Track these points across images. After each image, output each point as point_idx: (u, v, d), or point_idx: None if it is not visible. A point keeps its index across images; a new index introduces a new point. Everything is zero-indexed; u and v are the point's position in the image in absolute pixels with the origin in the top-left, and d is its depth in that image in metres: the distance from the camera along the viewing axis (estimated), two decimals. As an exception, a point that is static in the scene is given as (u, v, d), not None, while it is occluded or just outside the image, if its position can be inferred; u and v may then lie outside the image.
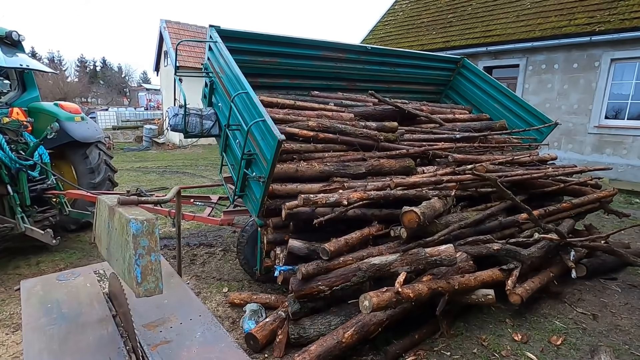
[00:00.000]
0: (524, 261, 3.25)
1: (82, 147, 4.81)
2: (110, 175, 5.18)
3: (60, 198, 4.53)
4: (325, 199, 2.82)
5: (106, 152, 5.16)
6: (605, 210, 4.34)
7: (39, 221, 4.27)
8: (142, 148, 14.80)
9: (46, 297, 1.62)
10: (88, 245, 4.78)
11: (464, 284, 2.79)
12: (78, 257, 4.37)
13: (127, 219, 1.13)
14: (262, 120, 2.82)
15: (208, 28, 3.70)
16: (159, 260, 1.17)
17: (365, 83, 5.26)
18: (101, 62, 64.60)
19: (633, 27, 7.73)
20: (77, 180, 4.96)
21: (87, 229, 5.23)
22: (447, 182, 3.59)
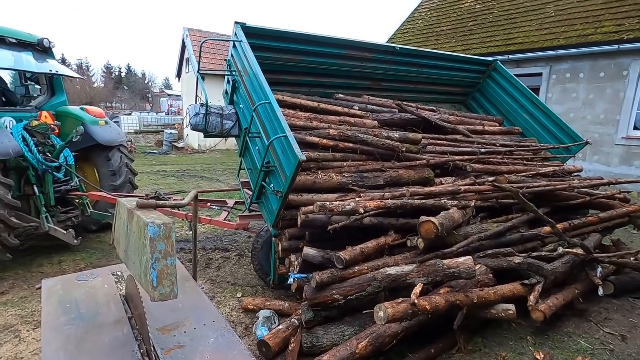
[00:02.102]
0: (547, 276, 3.12)
1: (105, 150, 4.95)
2: (131, 178, 5.30)
3: (83, 199, 4.66)
4: (341, 206, 2.79)
5: (127, 155, 5.29)
6: (634, 226, 4.14)
7: (62, 221, 4.40)
8: (162, 152, 15.15)
9: (65, 296, 1.65)
10: (107, 246, 4.88)
11: (483, 297, 2.69)
12: (97, 257, 4.47)
13: (144, 223, 1.14)
14: (283, 136, 2.83)
15: (234, 25, 3.75)
16: (174, 264, 1.17)
17: (391, 83, 5.25)
18: (126, 68, 66.90)
19: (664, 35, 7.44)
20: (99, 182, 5.10)
21: (107, 229, 5.36)
22: (465, 192, 3.51)
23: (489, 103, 6.17)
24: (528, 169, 4.31)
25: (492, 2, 12.00)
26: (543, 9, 10.22)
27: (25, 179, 4.16)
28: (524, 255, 3.20)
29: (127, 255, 1.33)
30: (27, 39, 4.45)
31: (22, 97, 4.89)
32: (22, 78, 5.04)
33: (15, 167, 4.06)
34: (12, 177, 3.97)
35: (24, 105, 4.72)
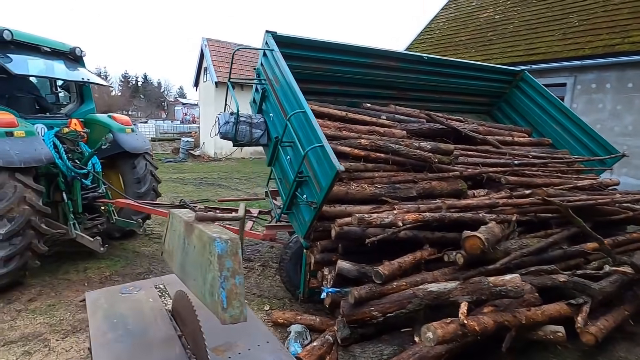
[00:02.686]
0: (595, 296, 2.95)
1: (131, 158, 4.97)
2: (155, 186, 5.30)
3: (109, 206, 4.66)
4: (379, 219, 2.70)
5: (152, 163, 5.30)
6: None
7: (88, 228, 4.40)
8: (179, 159, 15.29)
9: (111, 310, 1.59)
10: (131, 253, 4.86)
11: (531, 318, 2.55)
12: (122, 265, 4.45)
13: (210, 238, 1.07)
14: (320, 146, 2.76)
15: (264, 34, 3.74)
16: (242, 283, 1.09)
17: (416, 92, 5.19)
18: (142, 77, 68.44)
19: (698, 45, 7.20)
20: (124, 189, 5.11)
21: (130, 237, 5.35)
22: (503, 206, 3.38)
23: (516, 113, 6.03)
24: (564, 182, 4.15)
25: (512, 13, 11.89)
26: (566, 19, 10.06)
27: (55, 186, 4.19)
28: (568, 273, 3.04)
29: (184, 271, 1.26)
30: (60, 47, 4.53)
31: (52, 104, 4.96)
32: (53, 86, 5.12)
33: (45, 173, 4.09)
34: (42, 183, 3.99)
35: (55, 113, 4.78)
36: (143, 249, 5.02)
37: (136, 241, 5.27)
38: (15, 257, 3.47)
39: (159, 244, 5.24)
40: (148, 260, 4.64)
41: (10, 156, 3.40)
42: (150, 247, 5.10)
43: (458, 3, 14.43)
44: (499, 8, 12.55)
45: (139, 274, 4.25)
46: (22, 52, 4.07)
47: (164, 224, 6.08)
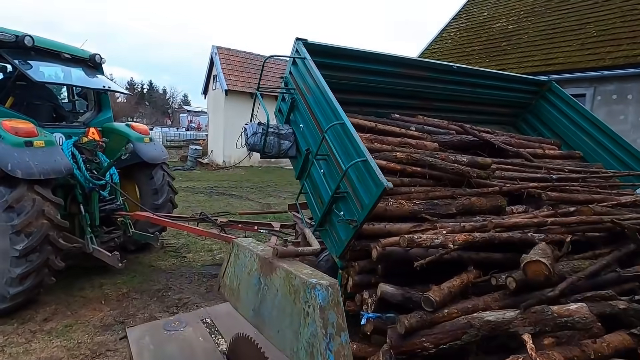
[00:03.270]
0: (657, 325, 2.72)
1: (148, 168, 4.81)
2: (172, 197, 5.14)
3: (125, 219, 4.48)
4: (430, 240, 2.50)
5: (169, 174, 5.14)
6: None
7: (105, 242, 4.22)
8: (187, 168, 15.16)
9: (159, 353, 1.39)
10: (147, 268, 4.67)
11: (599, 352, 2.32)
12: (139, 282, 4.25)
13: (306, 283, 0.88)
14: (363, 160, 2.58)
15: (294, 41, 3.60)
16: (348, 342, 0.90)
17: (442, 103, 5.03)
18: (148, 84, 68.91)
19: None
20: (140, 200, 4.94)
21: (146, 250, 5.16)
22: (550, 225, 3.17)
23: (542, 125, 5.85)
24: (606, 199, 3.94)
25: (525, 23, 11.80)
26: (583, 29, 9.93)
27: (72, 198, 4.02)
28: (627, 299, 2.82)
29: (261, 318, 1.07)
30: (80, 54, 4.41)
31: (70, 112, 4.83)
32: (71, 93, 4.99)
33: (63, 184, 3.92)
34: (60, 195, 3.82)
35: (73, 121, 4.64)
36: (159, 263, 4.83)
37: (152, 255, 5.08)
38: (31, 274, 3.29)
39: (175, 258, 5.05)
40: (165, 276, 4.44)
41: (29, 167, 3.24)
42: (166, 262, 4.91)
43: (469, 13, 14.37)
44: (512, 18, 12.46)
45: (157, 290, 4.05)
46: (43, 58, 3.94)
47: (179, 236, 5.92)
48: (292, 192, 10.41)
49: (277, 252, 1.05)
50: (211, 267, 4.76)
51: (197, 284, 4.26)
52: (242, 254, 1.17)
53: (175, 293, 4.00)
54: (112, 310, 3.55)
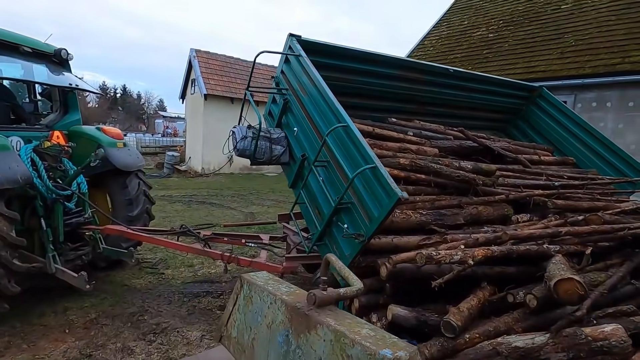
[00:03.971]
0: (680, 341, 2.55)
1: (122, 176, 4.35)
2: (148, 208, 4.68)
3: (95, 233, 4.00)
4: (449, 256, 2.23)
5: (146, 182, 4.70)
6: None
7: (70, 260, 3.73)
8: (164, 175, 14.47)
9: None
10: (120, 288, 4.18)
11: (635, 378, 2.10)
12: (110, 304, 3.77)
13: (374, 356, 0.57)
14: (372, 167, 2.30)
15: (287, 37, 3.29)
16: None
17: (436, 107, 4.87)
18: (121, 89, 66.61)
19: (698, 66, 7.29)
20: (112, 212, 4.46)
21: (118, 267, 4.66)
22: (564, 235, 2.99)
23: (533, 131, 5.80)
24: (609, 206, 3.83)
25: (505, 32, 12.03)
26: (561, 38, 10.18)
27: (31, 210, 3.51)
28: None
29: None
30: (44, 49, 3.93)
31: (30, 114, 4.31)
32: (32, 93, 4.47)
33: (19, 195, 3.42)
34: (16, 208, 3.32)
35: (33, 124, 4.13)
36: (134, 282, 4.35)
37: (125, 272, 4.58)
38: (-22, 302, 2.78)
39: (152, 275, 4.58)
40: (141, 297, 3.97)
41: (-23, 177, 2.75)
42: (142, 280, 4.43)
43: (449, 21, 14.58)
44: (492, 27, 12.69)
45: (131, 314, 3.59)
46: (-3, 51, 3.45)
47: (156, 250, 5.42)
48: (275, 200, 10.02)
49: (315, 299, 0.74)
50: (193, 285, 4.33)
51: (177, 305, 3.83)
52: (258, 297, 0.85)
53: (152, 317, 3.55)
54: (77, 340, 3.08)
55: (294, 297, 0.81)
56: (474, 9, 14.21)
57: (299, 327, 0.75)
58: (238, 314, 0.93)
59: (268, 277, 0.91)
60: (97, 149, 3.69)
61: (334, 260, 1.36)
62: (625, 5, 9.75)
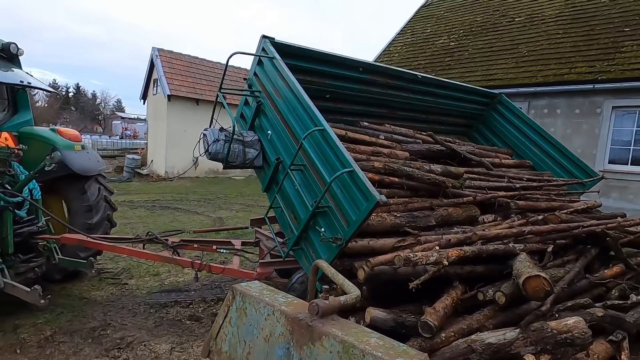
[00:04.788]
0: (629, 330, 2.78)
1: (80, 181, 4.07)
2: (110, 214, 4.41)
3: (50, 243, 3.70)
4: (425, 257, 2.29)
5: (106, 187, 4.42)
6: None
7: (22, 273, 3.42)
8: (124, 179, 13.74)
9: None
10: (78, 301, 3.90)
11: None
12: (68, 319, 3.49)
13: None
14: (349, 171, 2.30)
15: (261, 39, 3.24)
16: None
17: (406, 112, 5.00)
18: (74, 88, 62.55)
19: (633, 78, 8.06)
20: (69, 220, 4.16)
21: (76, 279, 4.34)
22: (527, 234, 3.17)
23: (494, 135, 6.11)
24: (564, 206, 4.11)
25: (465, 41, 12.63)
26: (516, 49, 10.85)
27: (-25, 220, 3.19)
28: (600, 305, 2.86)
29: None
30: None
31: (-27, 114, 3.93)
32: (-25, 91, 4.07)
33: (-39, 203, 3.10)
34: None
35: (-23, 125, 3.76)
36: (94, 294, 4.07)
37: (84, 284, 4.28)
38: None
39: (114, 286, 4.31)
40: (102, 310, 3.72)
41: None
42: (103, 291, 4.15)
43: (413, 29, 15.09)
44: (453, 36, 13.28)
45: (92, 329, 3.35)
46: None
47: (118, 259, 5.11)
48: (244, 205, 9.83)
49: (318, 309, 0.71)
50: (159, 295, 4.12)
51: (143, 317, 3.62)
52: (253, 308, 0.81)
53: (115, 330, 3.33)
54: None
55: (293, 307, 0.78)
56: (436, 18, 14.81)
57: (302, 339, 0.72)
58: (230, 326, 0.88)
59: (262, 287, 0.88)
60: (53, 152, 3.42)
61: (325, 266, 1.34)
62: (570, 20, 10.58)
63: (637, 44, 8.66)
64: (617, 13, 9.78)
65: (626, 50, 8.68)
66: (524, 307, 2.63)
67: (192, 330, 3.40)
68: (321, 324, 0.72)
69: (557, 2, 11.59)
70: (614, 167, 8.59)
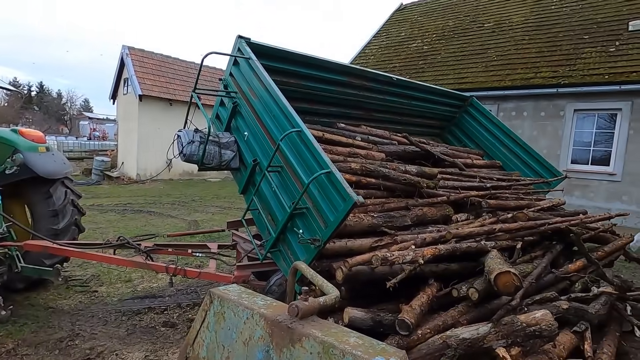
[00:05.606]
0: (591, 320, 2.95)
1: (45, 185, 3.87)
2: (77, 219, 4.22)
3: (12, 250, 3.50)
4: (402, 257, 2.33)
5: (74, 191, 4.23)
6: (626, 258, 4.30)
7: (-20, 283, 3.21)
8: (92, 182, 13.18)
9: None
10: (44, 311, 3.70)
11: (560, 356, 2.38)
12: (32, 331, 3.31)
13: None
14: (326, 172, 2.31)
15: (236, 39, 3.21)
16: None
17: (381, 114, 5.08)
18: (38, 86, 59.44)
19: (592, 83, 8.56)
20: (33, 226, 3.95)
21: (39, 287, 4.12)
22: (498, 232, 3.29)
23: (466, 137, 6.31)
24: (531, 204, 4.30)
25: (438, 45, 12.99)
26: (485, 53, 11.27)
27: None
28: (565, 298, 3.02)
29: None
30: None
31: None
32: None
33: None
34: None
35: None
36: (61, 303, 3.88)
37: (49, 293, 4.07)
38: None
39: (83, 294, 4.12)
40: (70, 319, 3.55)
41: None
42: (71, 300, 3.97)
43: (388, 32, 15.37)
44: (426, 40, 13.63)
45: (59, 340, 3.19)
46: None
47: (87, 265, 4.90)
48: (220, 207, 9.67)
49: (297, 310, 0.71)
50: (132, 302, 3.98)
51: (114, 325, 3.49)
52: (232, 312, 0.80)
53: (85, 340, 3.19)
54: (-9, 376, 2.66)
55: (272, 310, 0.78)
56: (410, 22, 15.15)
57: (282, 342, 0.72)
58: (208, 331, 0.87)
59: (241, 291, 0.86)
60: (14, 155, 3.24)
61: (304, 267, 1.34)
62: (535, 27, 11.11)
63: (595, 51, 9.20)
64: (577, 22, 10.36)
65: (586, 57, 9.21)
66: (496, 302, 2.73)
67: (167, 337, 3.31)
68: (301, 326, 0.72)
69: (523, 9, 12.14)
70: (576, 167, 9.09)
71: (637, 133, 8.34)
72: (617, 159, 8.55)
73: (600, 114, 8.88)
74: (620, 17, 9.68)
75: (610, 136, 8.75)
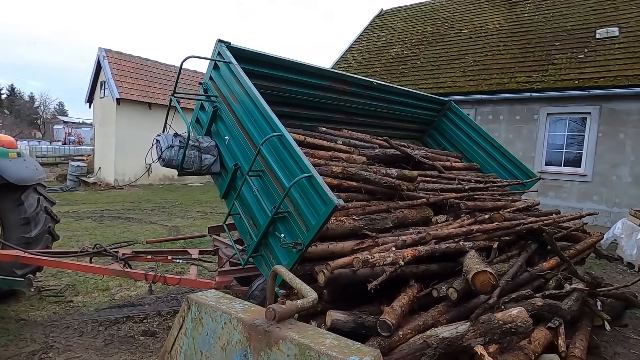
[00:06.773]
0: (564, 316, 3.07)
1: (16, 192, 3.72)
2: (51, 227, 4.07)
3: (-21, 261, 3.35)
4: (382, 259, 2.36)
5: (47, 198, 4.09)
6: (597, 255, 4.49)
7: (-55, 296, 3.05)
8: (67, 188, 12.73)
9: None
10: (15, 323, 3.54)
11: (536, 352, 2.46)
12: (2, 344, 3.17)
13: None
14: (307, 176, 2.33)
15: (216, 43, 3.19)
16: None
17: (362, 117, 5.14)
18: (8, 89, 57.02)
19: (564, 87, 8.93)
20: (3, 234, 3.78)
21: (11, 299, 3.95)
22: (475, 233, 3.38)
23: (444, 140, 6.46)
24: (507, 205, 4.44)
25: (417, 50, 13.26)
26: (463, 59, 11.58)
27: None
28: (539, 295, 3.13)
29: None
30: None
31: None
32: None
33: None
34: None
35: None
36: (34, 314, 3.73)
37: (21, 304, 3.91)
38: None
39: (58, 304, 3.98)
40: (43, 331, 3.42)
41: None
42: (44, 311, 3.82)
43: (369, 37, 15.58)
44: (406, 45, 13.89)
45: (31, 352, 3.06)
46: None
47: (61, 274, 4.72)
48: (201, 212, 9.52)
49: (274, 313, 0.72)
50: (109, 311, 3.86)
51: (91, 336, 3.37)
52: (209, 317, 0.80)
53: (59, 353, 3.07)
54: (-43, 393, 2.52)
55: (250, 314, 0.78)
56: (390, 27, 15.41)
57: (259, 345, 0.72)
58: (185, 338, 0.86)
59: (219, 296, 0.86)
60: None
61: (283, 271, 1.34)
62: (509, 34, 11.51)
63: (566, 57, 9.61)
64: (549, 29, 10.80)
65: (557, 63, 9.60)
66: (474, 301, 2.80)
67: (146, 346, 3.22)
68: (278, 329, 0.73)
69: (498, 17, 12.55)
70: (549, 169, 9.43)
71: (605, 136, 8.74)
72: (588, 160, 8.93)
73: (572, 117, 9.26)
74: (589, 26, 10.15)
75: (581, 139, 9.13)
